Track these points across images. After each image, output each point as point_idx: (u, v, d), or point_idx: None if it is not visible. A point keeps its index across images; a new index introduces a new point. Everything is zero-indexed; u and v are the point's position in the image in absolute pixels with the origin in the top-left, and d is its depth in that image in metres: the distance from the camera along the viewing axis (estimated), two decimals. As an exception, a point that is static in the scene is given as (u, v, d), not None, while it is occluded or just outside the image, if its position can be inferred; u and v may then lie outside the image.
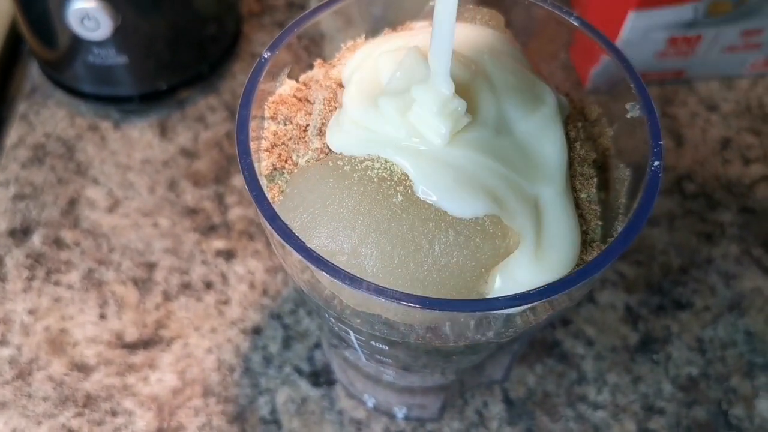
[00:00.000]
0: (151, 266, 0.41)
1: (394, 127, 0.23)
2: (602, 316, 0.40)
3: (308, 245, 0.22)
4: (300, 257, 0.22)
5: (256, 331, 0.40)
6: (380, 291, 0.21)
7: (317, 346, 0.39)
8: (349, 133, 0.23)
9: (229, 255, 0.42)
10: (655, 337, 0.40)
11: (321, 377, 0.38)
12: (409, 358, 0.27)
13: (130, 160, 0.46)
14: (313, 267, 0.21)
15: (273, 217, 0.22)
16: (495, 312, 0.22)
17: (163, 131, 0.47)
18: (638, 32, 0.46)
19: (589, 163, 0.26)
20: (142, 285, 0.41)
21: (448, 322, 0.23)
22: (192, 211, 0.44)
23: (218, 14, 0.49)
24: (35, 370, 0.38)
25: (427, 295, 0.22)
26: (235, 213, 0.43)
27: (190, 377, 0.38)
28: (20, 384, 0.38)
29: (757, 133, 0.48)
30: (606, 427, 0.37)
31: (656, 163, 0.24)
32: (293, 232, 0.22)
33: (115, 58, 0.44)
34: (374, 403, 0.36)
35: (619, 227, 0.25)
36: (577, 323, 0.40)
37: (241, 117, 0.25)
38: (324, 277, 0.21)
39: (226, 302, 0.40)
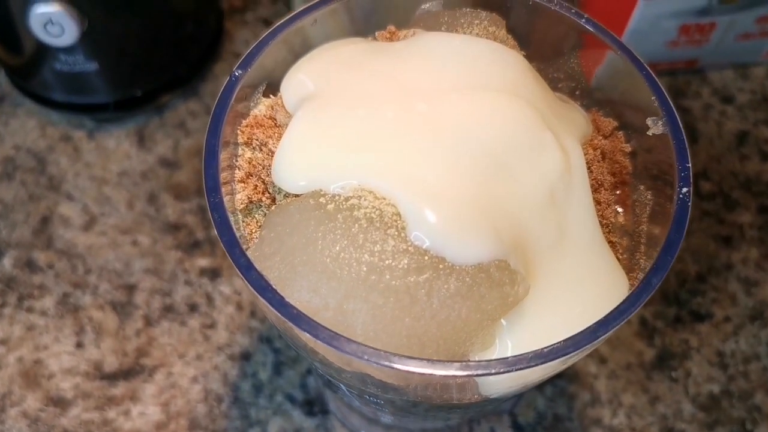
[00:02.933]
0: (130, 288, 0.39)
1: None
2: (615, 330, 0.38)
3: (287, 300, 0.19)
4: (277, 314, 0.19)
5: (245, 356, 0.37)
6: (372, 354, 0.18)
7: (310, 371, 0.37)
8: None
9: (214, 274, 0.39)
10: (673, 352, 0.37)
11: (315, 406, 0.36)
12: (407, 406, 0.24)
13: (106, 172, 0.43)
14: (292, 326, 0.19)
15: (247, 268, 0.20)
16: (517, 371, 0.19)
17: (141, 140, 0.44)
18: (648, 21, 0.43)
19: (607, 188, 0.23)
20: (122, 309, 0.38)
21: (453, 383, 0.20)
22: (174, 227, 0.41)
23: (196, 11, 0.45)
24: (8, 406, 0.35)
25: (427, 354, 0.19)
26: (220, 228, 0.40)
27: (175, 410, 0.35)
28: (-8, 422, 0.35)
29: (775, 125, 0.45)
30: (622, 454, 0.35)
31: (684, 189, 0.21)
32: (270, 285, 0.19)
33: (84, 64, 0.41)
34: (372, 439, 0.33)
35: (642, 260, 0.22)
36: (588, 339, 0.37)
37: (209, 146, 0.22)
38: (306, 337, 0.19)
39: (211, 326, 0.38)
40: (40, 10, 0.38)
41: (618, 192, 0.24)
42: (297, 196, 0.21)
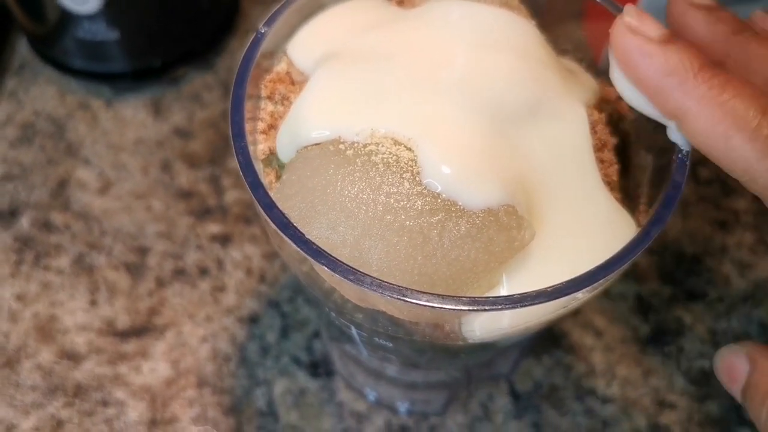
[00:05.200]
0: (143, 251, 0.40)
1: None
2: (612, 306, 0.39)
3: (307, 236, 0.20)
4: (298, 249, 0.20)
5: (253, 319, 0.38)
6: (386, 287, 0.19)
7: (316, 335, 0.38)
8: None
9: (225, 240, 0.40)
10: (667, 328, 0.38)
11: (320, 368, 0.37)
12: (413, 355, 0.26)
13: (123, 139, 0.44)
14: (312, 260, 0.20)
15: (269, 206, 0.21)
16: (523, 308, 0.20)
17: (157, 110, 0.45)
18: (654, 7, 0.44)
19: (610, 149, 0.24)
20: (135, 270, 0.39)
21: (459, 320, 0.21)
22: (186, 194, 0.42)
23: (214, -13, 0.47)
24: (23, 358, 0.37)
25: (437, 291, 0.20)
26: (232, 196, 0.42)
27: (184, 367, 0.37)
28: (8, 373, 0.36)
29: (773, 117, 0.46)
30: (615, 422, 0.36)
31: (685, 150, 0.22)
32: (291, 222, 0.20)
33: (105, 32, 0.42)
34: (376, 396, 0.35)
35: (640, 218, 0.24)
36: (585, 313, 0.39)
37: (235, 97, 0.23)
38: (324, 271, 0.20)
39: (221, 289, 0.39)
40: (66, -22, 0.39)
41: (620, 154, 0.25)
42: (317, 144, 0.23)
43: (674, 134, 0.22)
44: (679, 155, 0.22)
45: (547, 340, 0.38)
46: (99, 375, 0.36)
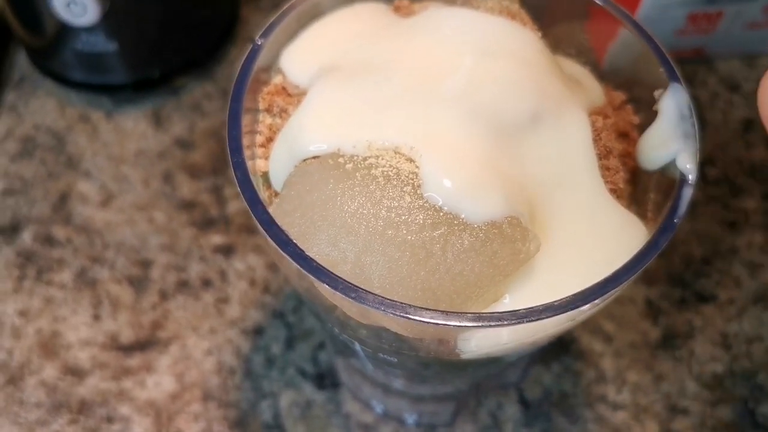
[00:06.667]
0: (146, 264, 0.40)
1: None
2: (621, 310, 0.38)
3: (307, 254, 0.20)
4: (298, 267, 0.20)
5: (258, 331, 0.38)
6: (388, 305, 0.19)
7: (322, 346, 0.37)
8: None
9: (228, 251, 0.40)
10: (678, 332, 0.38)
11: (326, 379, 0.36)
12: (419, 369, 0.25)
13: (124, 151, 0.44)
14: (312, 278, 0.19)
15: (268, 223, 0.20)
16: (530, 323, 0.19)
17: (158, 121, 0.45)
18: (657, 9, 0.43)
19: (615, 156, 0.24)
20: (138, 284, 0.39)
21: (465, 335, 0.21)
22: (189, 205, 0.42)
23: (214, -4, 0.46)
24: (27, 374, 0.36)
25: (441, 306, 0.20)
26: (234, 206, 0.41)
27: (189, 381, 0.36)
28: (12, 390, 0.36)
29: (781, 114, 0.45)
30: (627, 429, 0.35)
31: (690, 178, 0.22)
32: (291, 239, 0.20)
33: (104, 44, 0.42)
34: (383, 409, 0.34)
35: (650, 225, 0.23)
36: (594, 318, 0.38)
37: (232, 110, 0.23)
38: (325, 289, 0.19)
39: (225, 301, 0.39)
40: (62, -10, 0.39)
41: (627, 161, 0.24)
42: (316, 158, 0.22)
43: (681, 163, 0.22)
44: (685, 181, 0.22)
45: (556, 346, 0.37)
46: (103, 390, 0.36)
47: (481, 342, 0.20)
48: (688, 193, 0.21)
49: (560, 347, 0.37)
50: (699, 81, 0.47)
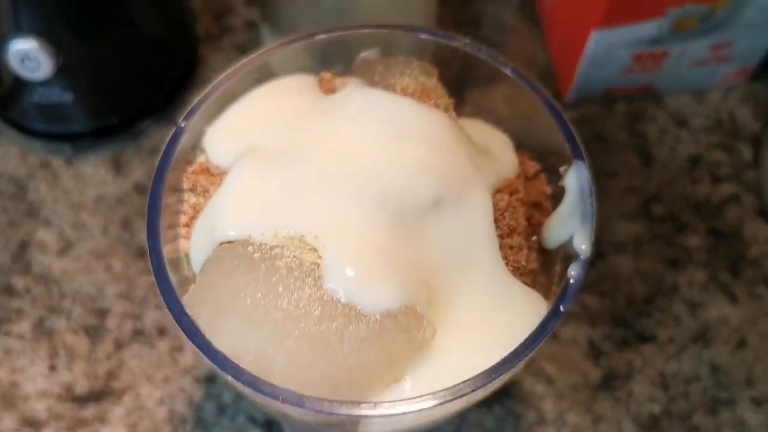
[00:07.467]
0: (103, 313, 0.41)
1: None
2: (564, 351, 0.39)
3: (213, 345, 0.21)
4: (204, 357, 0.21)
5: (210, 379, 0.39)
6: (285, 397, 0.20)
7: (272, 392, 0.38)
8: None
9: (183, 298, 0.41)
10: (618, 372, 0.39)
11: (274, 426, 0.37)
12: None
13: (83, 198, 0.45)
14: (217, 370, 0.20)
15: (180, 314, 0.21)
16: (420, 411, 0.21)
17: (118, 166, 0.46)
18: (602, 50, 0.44)
19: (520, 233, 0.25)
20: (94, 333, 0.40)
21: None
22: (146, 252, 0.42)
23: (170, 39, 0.47)
24: (-15, 426, 0.37)
25: (341, 393, 0.21)
26: (189, 253, 0.42)
27: (142, 431, 0.37)
28: (-30, 441, 0.37)
29: (726, 150, 0.46)
30: (566, 471, 0.36)
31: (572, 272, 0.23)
32: (198, 331, 0.21)
33: (60, 95, 0.43)
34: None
35: (551, 300, 0.24)
36: (537, 361, 0.39)
37: (152, 194, 0.24)
38: (229, 380, 0.20)
39: (179, 349, 0.40)
40: (17, 47, 0.40)
41: (534, 238, 0.25)
42: (231, 242, 0.23)
43: (577, 242, 0.23)
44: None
45: (499, 389, 0.38)
46: (59, 441, 0.37)
47: (382, 427, 0.21)
48: (580, 276, 0.22)
49: (502, 391, 0.38)
50: (648, 117, 0.48)
